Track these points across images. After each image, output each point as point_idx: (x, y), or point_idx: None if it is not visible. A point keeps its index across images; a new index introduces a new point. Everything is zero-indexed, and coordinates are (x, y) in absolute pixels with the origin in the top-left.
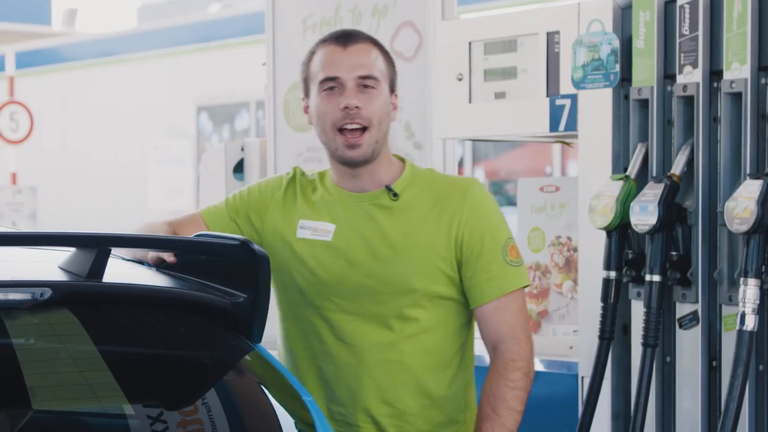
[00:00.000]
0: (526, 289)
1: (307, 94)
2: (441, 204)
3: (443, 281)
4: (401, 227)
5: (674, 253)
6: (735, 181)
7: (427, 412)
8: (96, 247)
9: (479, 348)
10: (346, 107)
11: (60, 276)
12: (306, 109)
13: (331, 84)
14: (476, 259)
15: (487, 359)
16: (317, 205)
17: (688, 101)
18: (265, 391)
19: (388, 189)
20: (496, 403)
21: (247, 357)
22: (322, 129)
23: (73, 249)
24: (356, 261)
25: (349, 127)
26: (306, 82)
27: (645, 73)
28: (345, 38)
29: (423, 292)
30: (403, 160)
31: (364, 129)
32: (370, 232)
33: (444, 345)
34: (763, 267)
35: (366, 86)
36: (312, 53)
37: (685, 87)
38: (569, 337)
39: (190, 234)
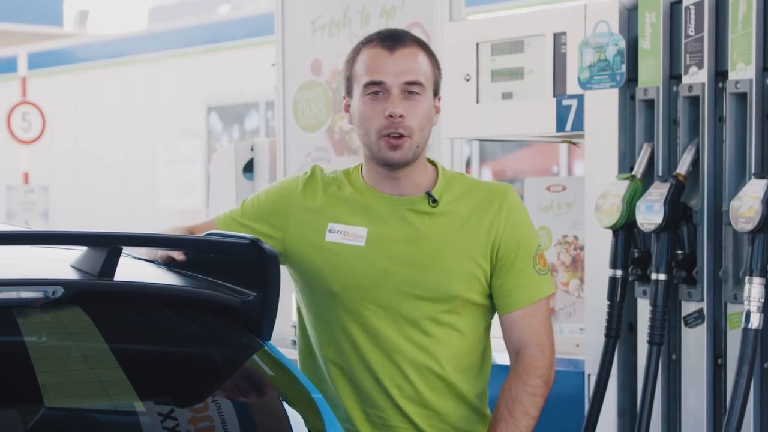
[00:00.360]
0: None
1: (349, 93)
2: (479, 211)
3: (477, 288)
4: (440, 234)
5: (680, 251)
6: (740, 181)
7: (460, 411)
8: (107, 246)
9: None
10: (390, 115)
11: (72, 274)
12: (347, 108)
13: (376, 89)
14: (509, 267)
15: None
16: (346, 203)
17: (694, 101)
18: (275, 388)
19: (428, 195)
20: (514, 407)
21: (257, 355)
22: (365, 132)
23: (84, 248)
24: (393, 268)
25: (392, 134)
26: (349, 80)
27: (651, 74)
28: (392, 40)
29: (460, 298)
30: (435, 164)
31: (404, 135)
32: (408, 238)
33: (472, 348)
34: None
35: (411, 92)
36: (356, 53)
37: (690, 87)
38: (576, 335)
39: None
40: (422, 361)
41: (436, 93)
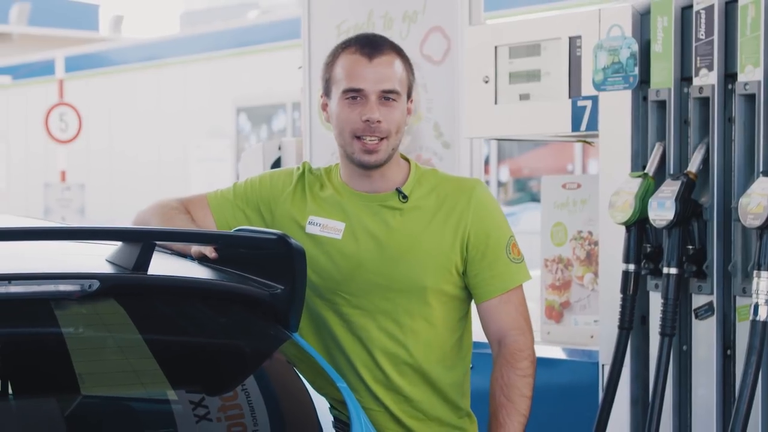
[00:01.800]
0: (548, 281)
1: (327, 93)
2: (447, 205)
3: (450, 279)
4: (410, 228)
5: (690, 246)
6: (748, 179)
7: (430, 399)
8: (141, 241)
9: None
10: (367, 120)
11: (107, 269)
12: (324, 107)
13: (354, 94)
14: (481, 258)
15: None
16: (326, 202)
17: (704, 102)
18: (301, 377)
19: (398, 191)
20: (510, 392)
21: (284, 345)
22: (340, 132)
23: (119, 243)
24: (366, 260)
25: (369, 138)
26: (327, 82)
27: (663, 76)
28: (371, 48)
29: (431, 289)
30: (408, 161)
31: (381, 138)
32: (380, 232)
33: (444, 338)
34: None
35: (388, 98)
36: (335, 56)
37: (701, 89)
38: (590, 326)
39: (197, 213)
40: (392, 349)
41: (409, 96)
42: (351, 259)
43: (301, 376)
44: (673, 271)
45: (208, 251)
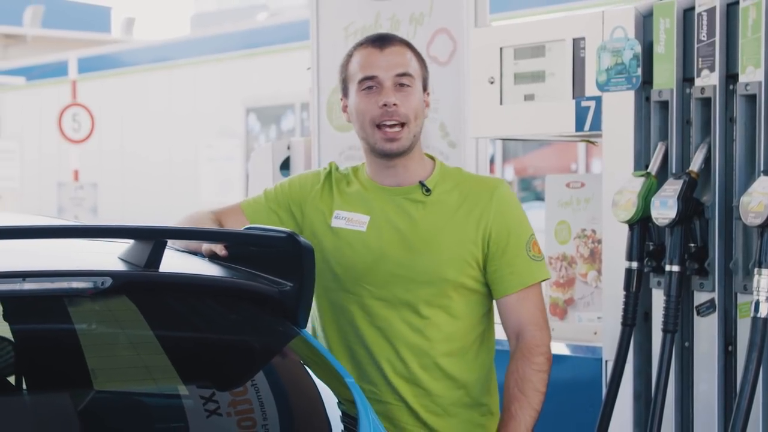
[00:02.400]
0: (553, 279)
1: (345, 94)
2: (470, 201)
3: (469, 273)
4: (433, 221)
5: (692, 244)
6: (749, 178)
7: (451, 393)
8: (153, 239)
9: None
10: (384, 105)
11: (119, 266)
12: (345, 108)
13: (370, 83)
14: (501, 254)
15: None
16: (352, 197)
17: (706, 103)
18: (310, 373)
19: (422, 184)
20: (524, 385)
21: (293, 341)
22: (361, 125)
23: (131, 241)
24: (389, 251)
25: (388, 123)
26: (344, 82)
27: (665, 77)
28: (381, 41)
29: (451, 282)
30: (433, 159)
31: (402, 125)
32: (403, 224)
33: (466, 332)
34: None
35: (402, 84)
36: (350, 56)
37: (702, 89)
38: (593, 323)
39: (232, 223)
40: (414, 341)
41: (425, 88)
42: (375, 251)
43: (309, 372)
44: (676, 268)
45: (219, 249)
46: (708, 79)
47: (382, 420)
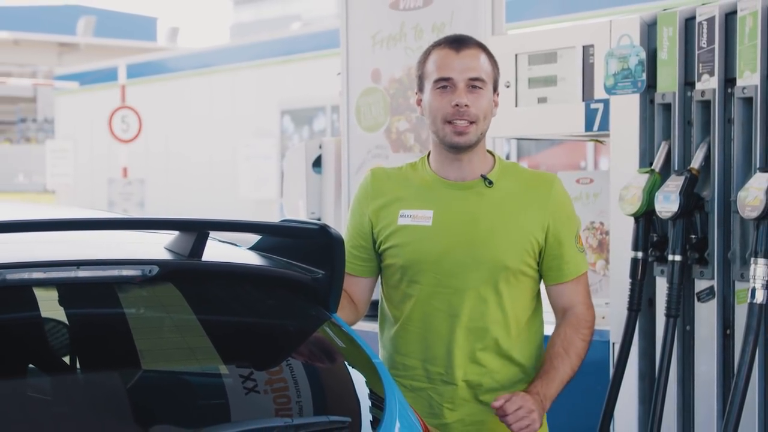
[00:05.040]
0: None
1: (420, 89)
2: (529, 194)
3: (527, 261)
4: (495, 212)
5: (693, 236)
6: (746, 174)
7: (508, 370)
8: (196, 230)
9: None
10: (456, 105)
11: (166, 255)
12: (419, 102)
13: (444, 83)
14: (558, 245)
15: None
16: (413, 191)
17: (706, 105)
18: (340, 354)
19: (484, 178)
20: (569, 347)
21: (325, 325)
22: (433, 120)
23: (176, 232)
24: (455, 242)
25: (459, 121)
26: (420, 78)
27: (668, 81)
28: (458, 43)
29: (511, 269)
30: (493, 154)
31: (471, 122)
32: (467, 216)
33: (520, 314)
34: None
35: (474, 87)
36: (427, 54)
37: (703, 92)
38: (602, 308)
39: (352, 287)
40: (476, 323)
41: (495, 89)
42: (441, 244)
43: (339, 353)
44: (678, 258)
45: None
46: (708, 83)
47: (443, 399)
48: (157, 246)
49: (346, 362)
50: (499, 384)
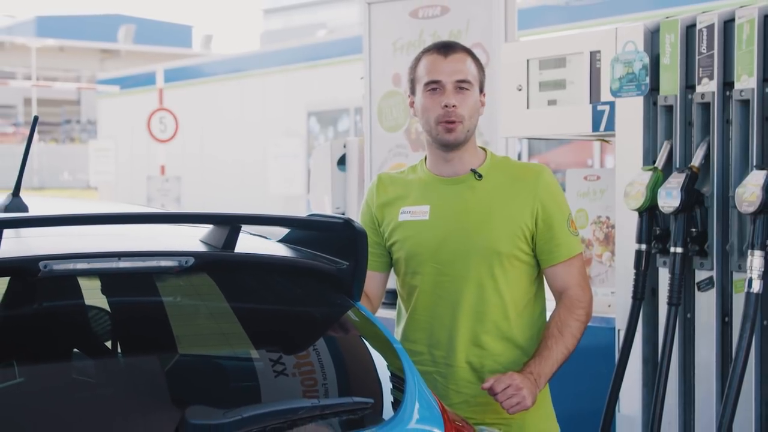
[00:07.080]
0: None
1: (413, 92)
2: (518, 183)
3: (520, 246)
4: (486, 202)
5: (694, 229)
6: (744, 172)
7: (510, 352)
8: (229, 224)
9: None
10: (445, 105)
11: (201, 247)
12: (411, 104)
13: (434, 86)
14: (548, 229)
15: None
16: (412, 189)
17: (706, 107)
18: (363, 339)
19: (474, 171)
20: (563, 328)
21: (349, 312)
22: (425, 120)
23: (211, 226)
24: (451, 233)
25: (448, 120)
26: (412, 82)
27: (670, 84)
28: (446, 48)
29: (506, 254)
30: (485, 150)
31: (458, 121)
32: (461, 208)
33: (519, 297)
34: (767, 240)
35: (461, 88)
36: (418, 60)
37: (703, 95)
38: (608, 297)
39: (374, 282)
40: (476, 308)
41: (481, 90)
42: (438, 234)
43: (363, 339)
44: (679, 250)
45: None
46: (707, 86)
47: (448, 382)
48: (192, 239)
49: (368, 347)
50: (502, 366)
